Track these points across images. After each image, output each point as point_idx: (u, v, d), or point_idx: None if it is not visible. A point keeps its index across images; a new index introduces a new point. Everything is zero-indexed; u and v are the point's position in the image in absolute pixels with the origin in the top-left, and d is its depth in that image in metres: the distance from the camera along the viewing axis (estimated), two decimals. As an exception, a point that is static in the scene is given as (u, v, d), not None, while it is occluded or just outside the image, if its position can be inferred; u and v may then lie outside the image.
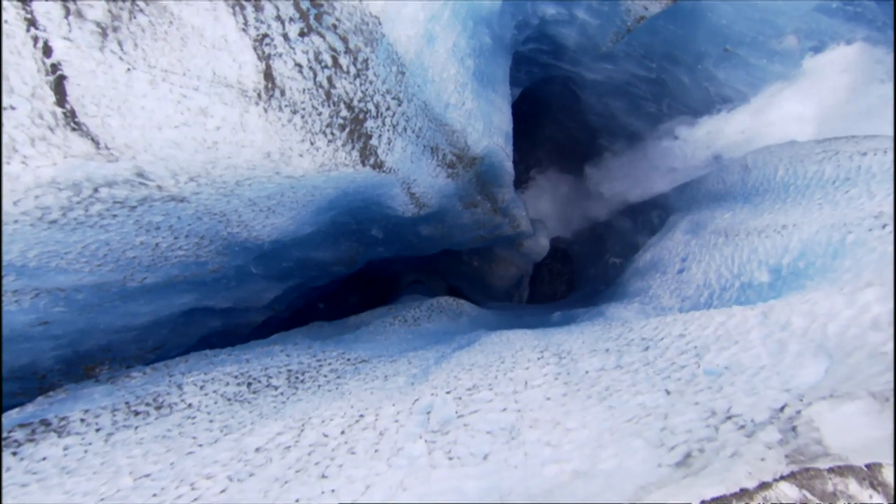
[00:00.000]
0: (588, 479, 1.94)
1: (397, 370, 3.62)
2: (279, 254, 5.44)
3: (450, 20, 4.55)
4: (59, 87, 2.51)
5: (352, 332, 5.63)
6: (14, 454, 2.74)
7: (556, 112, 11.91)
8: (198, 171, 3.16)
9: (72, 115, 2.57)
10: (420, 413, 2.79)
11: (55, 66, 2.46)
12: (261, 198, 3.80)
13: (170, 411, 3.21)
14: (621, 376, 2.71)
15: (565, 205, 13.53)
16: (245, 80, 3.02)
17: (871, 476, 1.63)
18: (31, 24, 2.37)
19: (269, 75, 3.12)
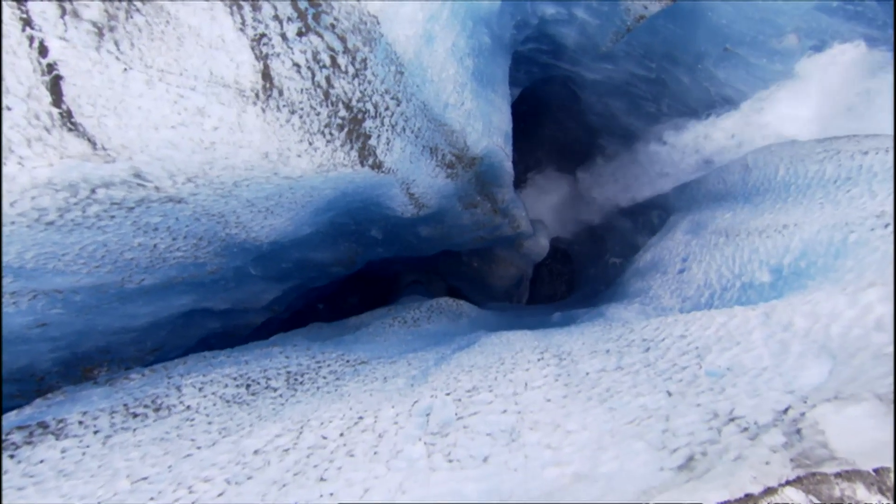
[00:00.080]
0: (589, 482, 1.92)
1: (396, 372, 3.60)
2: (278, 255, 5.42)
3: (448, 20, 4.54)
4: (56, 88, 2.49)
5: (351, 334, 5.61)
6: (11, 457, 2.72)
7: (555, 112, 11.90)
8: (195, 172, 3.15)
9: (68, 116, 2.55)
10: (419, 415, 2.77)
11: (51, 67, 2.45)
12: (259, 198, 3.79)
13: (168, 413, 3.20)
14: (622, 377, 2.69)
15: (565, 205, 13.52)
16: (242, 79, 3.00)
17: (880, 481, 1.60)
18: (27, 23, 2.36)
19: (266, 75, 3.10)
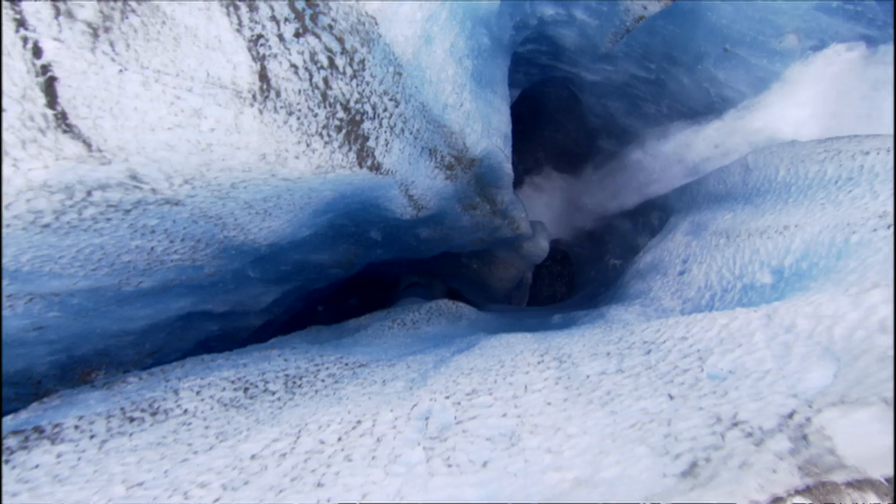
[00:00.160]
0: (590, 488, 1.89)
1: (395, 375, 3.57)
2: (276, 257, 5.40)
3: (447, 20, 4.52)
4: (50, 89, 2.46)
5: (350, 336, 5.58)
6: (6, 462, 2.69)
7: (554, 113, 11.91)
8: (192, 174, 3.12)
9: (63, 117, 2.53)
10: (418, 419, 2.74)
11: (45, 68, 2.42)
12: (257, 200, 3.76)
13: (165, 417, 3.17)
14: (623, 380, 2.66)
15: (565, 206, 13.52)
16: (239, 81, 2.98)
17: (892, 490, 1.56)
18: (21, 24, 2.33)
19: (264, 76, 3.08)
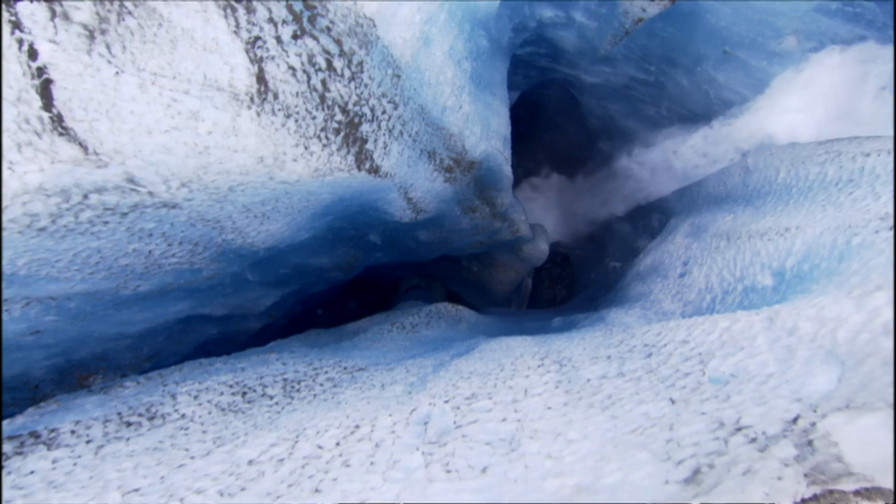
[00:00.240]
0: (591, 495, 1.86)
1: (395, 378, 3.54)
2: (275, 260, 5.38)
3: (446, 22, 4.51)
4: (46, 91, 2.45)
5: (349, 340, 5.55)
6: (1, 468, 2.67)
7: (554, 115, 11.92)
8: (189, 177, 3.10)
9: (59, 120, 2.51)
10: (417, 423, 2.71)
11: (41, 70, 2.41)
12: (255, 203, 3.74)
13: (162, 422, 3.14)
14: (624, 384, 2.64)
15: (564, 208, 13.51)
16: (237, 83, 2.96)
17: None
18: (16, 26, 2.32)
19: (261, 78, 3.06)
